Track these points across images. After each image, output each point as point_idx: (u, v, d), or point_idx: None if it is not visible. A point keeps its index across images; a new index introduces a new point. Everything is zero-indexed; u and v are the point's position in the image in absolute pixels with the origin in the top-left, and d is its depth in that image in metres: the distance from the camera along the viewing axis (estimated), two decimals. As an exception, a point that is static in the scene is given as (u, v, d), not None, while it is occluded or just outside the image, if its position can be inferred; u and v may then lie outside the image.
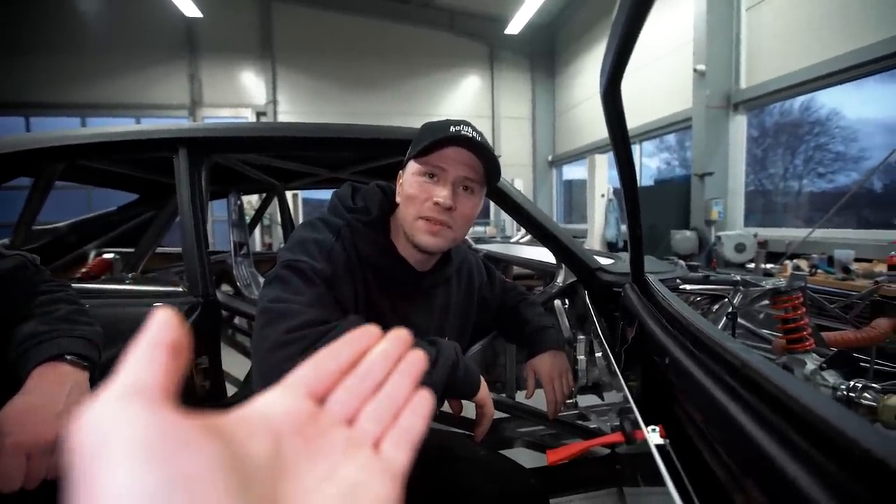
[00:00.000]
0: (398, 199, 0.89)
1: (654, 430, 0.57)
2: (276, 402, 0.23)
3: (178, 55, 8.81)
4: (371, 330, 0.27)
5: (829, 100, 4.49)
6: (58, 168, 1.47)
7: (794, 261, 3.98)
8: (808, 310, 1.22)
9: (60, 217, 2.15)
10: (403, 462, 0.24)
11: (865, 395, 0.84)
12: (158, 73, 8.73)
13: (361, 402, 0.25)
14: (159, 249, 2.15)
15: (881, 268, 3.33)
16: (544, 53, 10.14)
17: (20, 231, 1.63)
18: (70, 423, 0.16)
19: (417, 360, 0.27)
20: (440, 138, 0.80)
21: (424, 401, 0.26)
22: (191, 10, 7.39)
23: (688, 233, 5.27)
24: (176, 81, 8.84)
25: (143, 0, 7.93)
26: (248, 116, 9.10)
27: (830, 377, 1.00)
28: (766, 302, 1.40)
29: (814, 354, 1.11)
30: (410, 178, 0.86)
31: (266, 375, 0.70)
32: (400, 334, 0.27)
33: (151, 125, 1.28)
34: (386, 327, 0.28)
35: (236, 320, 2.40)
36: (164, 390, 0.18)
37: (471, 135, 0.82)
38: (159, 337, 0.19)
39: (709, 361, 0.54)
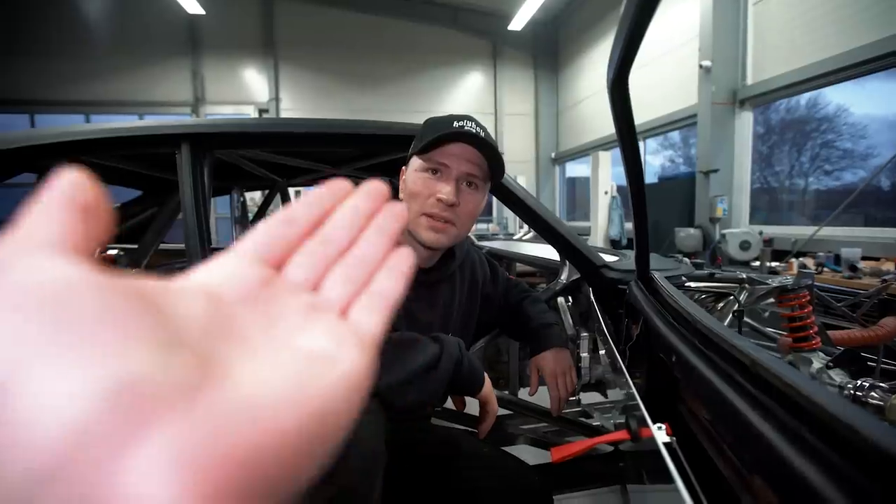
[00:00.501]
0: (401, 196, 0.89)
1: (660, 427, 0.56)
2: (221, 269, 0.18)
3: (181, 52, 8.83)
4: (339, 184, 0.22)
5: (836, 97, 4.45)
6: (62, 164, 1.47)
7: (800, 259, 3.96)
8: (815, 308, 1.21)
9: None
10: (377, 328, 0.20)
11: (873, 394, 0.83)
12: (161, 71, 8.76)
13: (327, 265, 0.21)
14: (163, 246, 2.15)
15: (889, 266, 3.30)
16: (548, 50, 10.09)
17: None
18: None
19: (396, 213, 0.22)
20: (443, 135, 0.80)
21: (402, 259, 0.22)
22: (193, 8, 7.39)
23: (692, 230, 5.25)
24: (179, 79, 8.86)
25: (147, -3, 7.96)
26: (251, 113, 9.12)
27: (837, 376, 0.99)
28: (772, 300, 1.39)
29: (820, 353, 1.10)
30: (413, 174, 0.85)
31: None
32: (374, 185, 0.22)
33: (153, 121, 1.28)
34: (389, 324, 0.26)
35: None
36: (75, 246, 0.14)
37: (474, 130, 0.81)
38: (66, 196, 0.15)
39: (717, 359, 0.53)
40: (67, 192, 0.15)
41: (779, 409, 0.39)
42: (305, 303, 0.19)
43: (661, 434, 0.54)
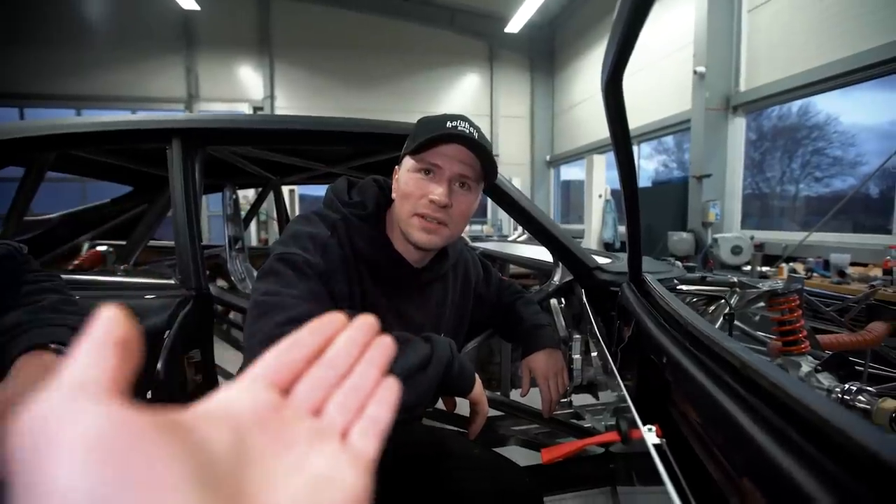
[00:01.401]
0: (394, 195, 0.88)
1: (650, 429, 0.56)
2: (239, 395, 0.22)
3: (176, 48, 8.75)
4: (336, 317, 0.26)
5: (826, 105, 4.51)
6: (49, 158, 1.45)
7: (790, 264, 4.00)
8: (804, 312, 1.22)
9: (55, 209, 2.13)
10: (372, 452, 0.23)
11: (860, 398, 0.84)
12: (155, 66, 8.67)
13: (327, 392, 0.24)
14: (152, 242, 2.13)
15: (877, 272, 3.35)
16: (544, 53, 10.13)
17: (11, 221, 1.61)
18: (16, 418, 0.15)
19: (384, 347, 0.27)
20: (436, 136, 0.79)
21: (391, 390, 0.26)
22: (188, 3, 7.34)
23: (685, 234, 5.28)
24: (173, 75, 8.78)
25: (141, -8, 7.88)
26: (245, 111, 9.04)
27: (825, 380, 1.00)
28: (763, 304, 1.40)
29: (809, 357, 1.11)
30: (406, 174, 0.84)
31: None
32: (366, 321, 0.27)
33: (144, 115, 1.26)
34: (381, 323, 0.27)
35: (231, 315, 2.38)
36: (115, 386, 0.16)
37: (468, 131, 0.81)
38: (106, 333, 0.17)
39: (708, 361, 0.53)
40: (107, 331, 0.17)
41: (768, 411, 0.39)
42: (311, 428, 0.23)
43: (650, 436, 0.54)
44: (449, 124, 0.81)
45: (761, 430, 0.39)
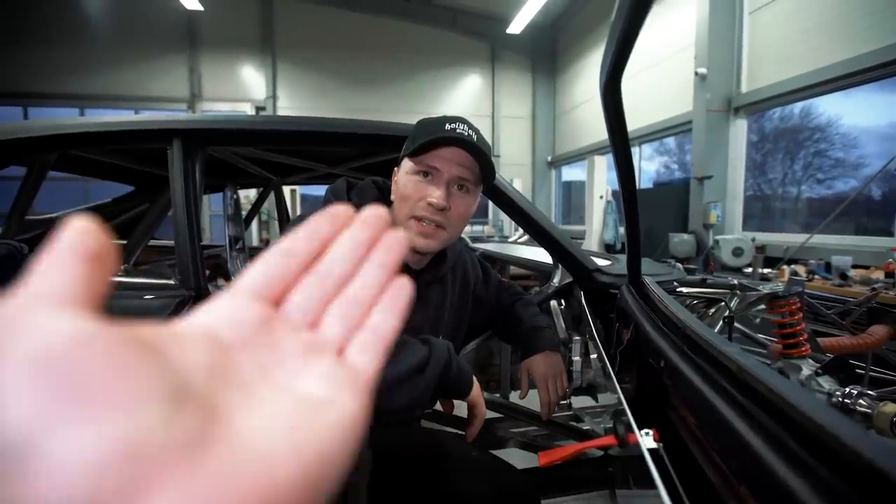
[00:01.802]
0: (393, 197, 0.88)
1: (647, 433, 0.56)
2: (222, 310, 0.19)
3: (179, 48, 8.78)
4: (339, 213, 0.22)
5: (827, 107, 4.51)
6: (51, 157, 1.46)
7: (792, 266, 3.99)
8: (805, 315, 1.22)
9: (57, 209, 2.13)
10: (371, 369, 0.20)
11: (861, 401, 0.84)
12: (158, 66, 8.70)
13: (325, 301, 0.21)
14: (153, 242, 2.13)
15: (878, 274, 3.34)
16: (546, 54, 10.13)
17: (13, 221, 1.61)
18: None
19: (395, 242, 0.23)
20: (434, 139, 0.79)
21: (400, 294, 0.22)
22: (192, 4, 7.36)
23: (686, 236, 5.28)
24: (176, 74, 8.81)
25: (145, -8, 7.92)
26: (248, 111, 9.07)
27: (826, 383, 0.99)
28: (763, 306, 1.40)
29: (810, 360, 1.11)
30: (405, 177, 0.84)
31: None
32: (374, 212, 0.23)
33: (146, 116, 1.27)
34: None
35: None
36: (83, 298, 0.15)
37: (466, 133, 0.81)
38: (74, 244, 0.15)
39: (704, 365, 0.53)
40: (75, 242, 0.15)
41: (763, 416, 0.39)
42: (304, 343, 0.20)
43: (647, 440, 0.54)
44: (447, 126, 0.81)
45: (757, 435, 0.39)
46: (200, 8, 7.57)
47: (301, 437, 0.16)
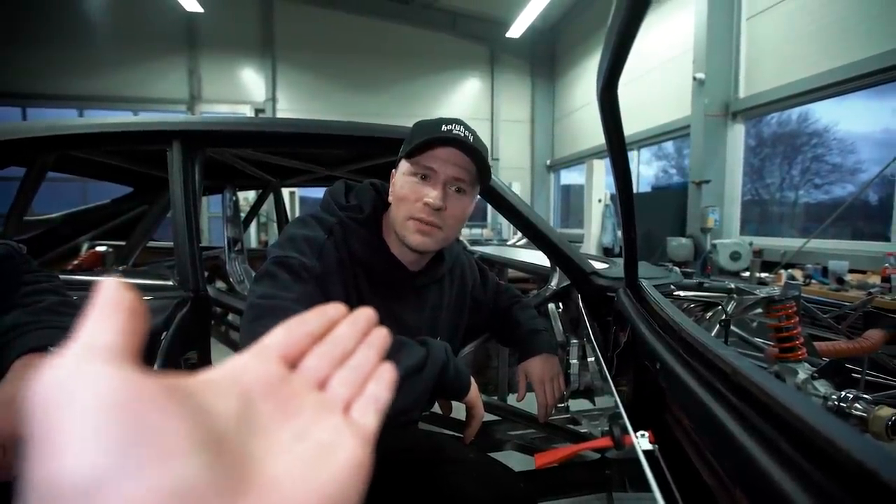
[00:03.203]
0: (390, 199, 0.88)
1: (643, 435, 0.56)
2: (248, 364, 0.22)
3: (178, 50, 8.78)
4: (338, 306, 0.28)
5: (823, 112, 4.54)
6: (50, 158, 1.46)
7: (789, 270, 4.00)
8: (802, 319, 1.22)
9: (56, 209, 2.13)
10: (372, 427, 0.24)
11: (856, 405, 0.84)
12: (158, 67, 8.70)
13: (332, 367, 0.26)
14: (151, 243, 2.13)
15: (875, 279, 3.35)
16: (545, 58, 10.16)
17: (11, 221, 1.61)
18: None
19: (382, 335, 0.28)
20: (430, 139, 0.80)
21: (388, 372, 0.27)
22: (192, 6, 7.37)
23: (684, 240, 5.29)
24: (175, 76, 8.81)
25: (145, -7, 7.93)
26: (247, 113, 9.07)
27: (822, 387, 1.00)
28: (760, 310, 1.40)
29: (806, 364, 1.11)
30: (402, 178, 0.85)
31: None
32: (365, 313, 0.28)
33: (146, 117, 1.27)
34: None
35: (229, 316, 2.38)
36: (125, 349, 0.17)
37: (462, 134, 0.81)
38: (113, 299, 0.18)
39: (700, 367, 0.53)
40: (115, 298, 0.18)
41: (757, 419, 0.40)
42: (316, 400, 0.24)
43: (643, 441, 0.54)
44: (444, 128, 0.82)
45: (751, 438, 0.39)
46: (200, 10, 7.58)
47: (318, 478, 0.19)
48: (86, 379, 0.15)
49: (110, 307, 0.18)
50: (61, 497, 0.14)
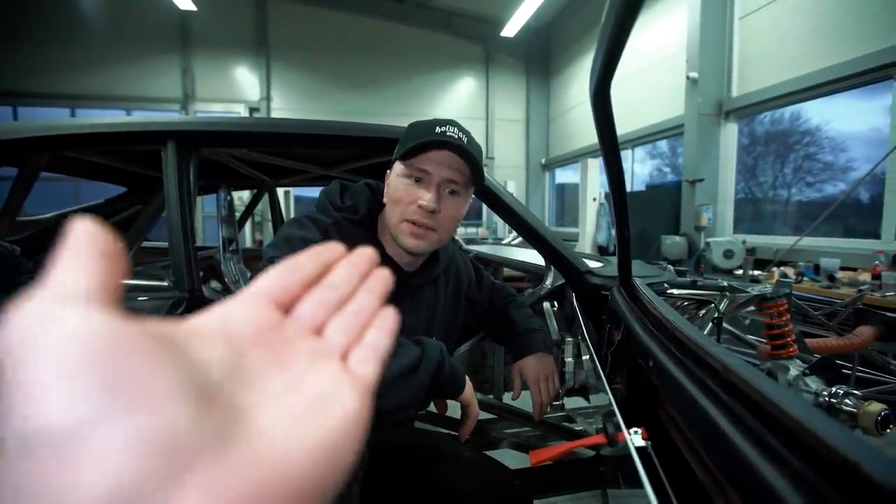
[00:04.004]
0: (385, 200, 0.89)
1: (636, 432, 0.57)
2: (237, 311, 0.21)
3: (172, 48, 8.72)
4: (336, 246, 0.26)
5: (816, 112, 4.58)
6: (43, 158, 1.45)
7: (782, 268, 4.04)
8: (793, 316, 1.24)
9: (49, 210, 2.12)
10: (371, 376, 0.23)
11: (847, 401, 0.86)
12: (151, 66, 8.63)
13: (328, 313, 0.24)
14: (146, 243, 2.12)
15: (865, 276, 3.39)
16: (539, 57, 10.18)
17: (4, 222, 1.60)
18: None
19: (383, 277, 0.26)
20: (424, 142, 0.80)
21: (390, 318, 0.26)
22: (185, 4, 7.32)
23: (678, 238, 5.32)
24: (168, 75, 8.74)
25: (137, -9, 7.86)
26: (242, 112, 9.02)
27: (813, 383, 1.01)
28: (752, 308, 1.42)
29: (797, 360, 1.13)
30: (396, 179, 0.85)
31: None
32: (365, 252, 0.26)
33: (140, 117, 1.26)
34: None
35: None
36: (102, 293, 0.16)
37: (456, 136, 0.82)
38: (88, 241, 0.16)
39: (691, 364, 0.54)
40: (89, 239, 0.17)
41: (747, 415, 0.40)
42: (311, 348, 0.22)
43: (636, 438, 0.55)
44: (438, 129, 0.82)
45: (740, 434, 0.40)
46: (194, 8, 7.53)
47: (312, 431, 0.18)
48: (60, 322, 0.14)
49: (84, 248, 0.16)
50: (38, 447, 0.13)
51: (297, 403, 0.19)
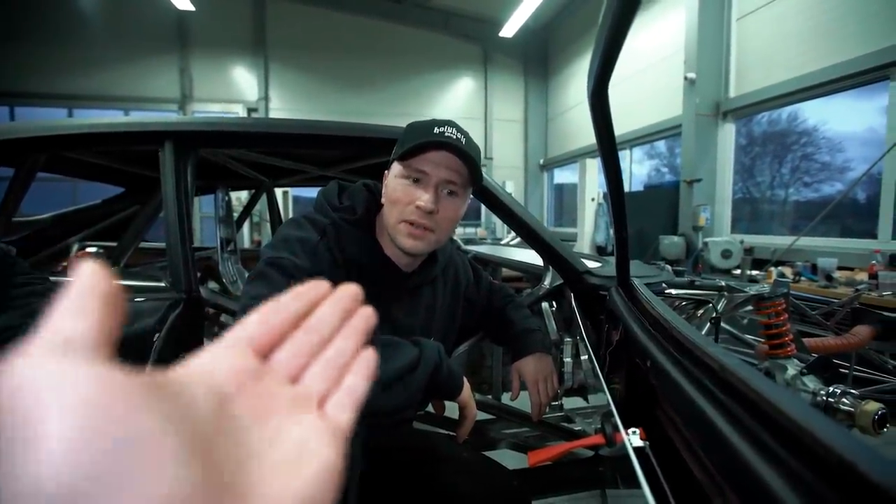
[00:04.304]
0: (383, 200, 0.89)
1: (634, 432, 0.57)
2: (221, 359, 0.21)
3: (169, 48, 8.70)
4: (321, 284, 0.26)
5: (813, 112, 4.60)
6: (40, 159, 1.44)
7: (779, 268, 4.05)
8: (791, 316, 1.24)
9: (45, 210, 2.11)
10: (347, 423, 0.23)
11: (844, 400, 0.86)
12: (149, 66, 8.61)
13: (307, 359, 0.24)
14: (143, 244, 2.12)
15: (862, 276, 3.40)
16: (538, 57, 10.19)
17: (0, 222, 1.60)
18: None
19: (366, 316, 0.27)
20: (423, 143, 0.80)
21: (368, 361, 0.26)
22: (183, 4, 7.30)
23: (676, 238, 5.33)
24: (166, 75, 8.72)
25: (135, -9, 7.84)
26: (240, 112, 9.00)
27: (810, 382, 1.02)
28: (750, 308, 1.42)
29: (795, 360, 1.13)
30: (394, 180, 0.85)
31: None
32: (349, 290, 0.27)
33: (137, 117, 1.26)
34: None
35: (222, 317, 2.37)
36: (101, 343, 0.16)
37: (455, 137, 0.82)
38: (89, 285, 0.17)
39: (689, 364, 0.54)
40: (91, 283, 0.17)
41: (744, 415, 0.40)
42: (290, 396, 0.23)
43: (634, 438, 0.55)
44: (436, 130, 0.82)
45: (738, 434, 0.40)
46: (192, 8, 7.51)
47: (294, 484, 0.19)
48: (66, 378, 0.14)
49: (86, 293, 0.17)
50: None
51: (279, 457, 0.20)
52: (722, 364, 0.46)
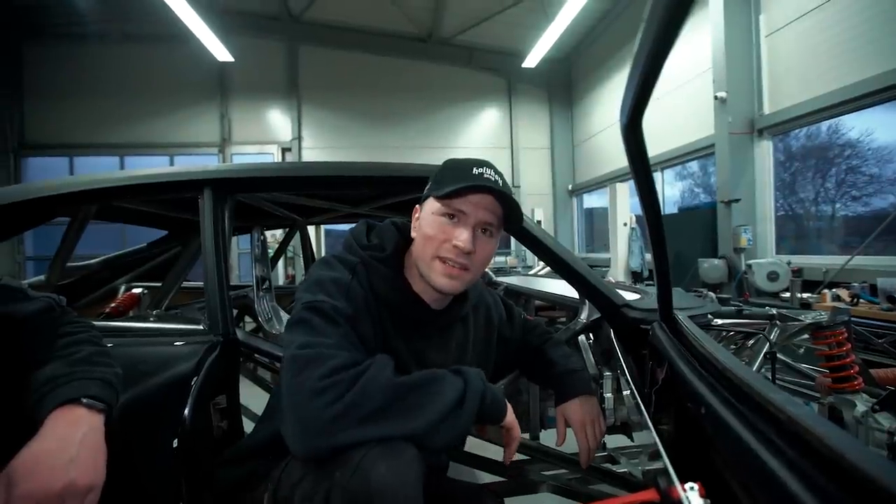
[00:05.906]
0: (414, 235, 0.89)
1: (692, 487, 0.52)
2: None
3: (211, 97, 9.32)
4: None
5: (857, 122, 4.40)
6: (92, 209, 1.54)
7: (833, 290, 3.80)
8: (854, 345, 1.14)
9: (97, 250, 2.23)
10: None
11: (927, 443, 0.77)
12: (192, 114, 9.25)
13: None
14: (187, 284, 2.20)
15: (929, 296, 3.13)
16: (561, 85, 10.29)
17: (55, 268, 1.69)
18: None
19: None
20: (466, 186, 0.81)
21: None
22: (223, 56, 7.84)
23: (716, 261, 5.11)
24: (208, 121, 9.33)
25: (180, 49, 8.48)
26: (274, 152, 9.47)
27: (885, 420, 0.93)
28: (806, 336, 1.32)
29: (864, 395, 1.04)
30: (430, 217, 0.85)
31: (306, 423, 0.68)
32: None
33: (178, 167, 1.33)
34: (401, 365, 0.26)
35: (257, 354, 2.41)
36: None
37: (493, 178, 0.83)
38: None
39: (749, 413, 0.50)
40: None
41: (821, 478, 0.36)
42: None
43: (693, 495, 0.50)
44: (475, 171, 0.83)
45: (813, 497, 0.35)
46: (231, 59, 8.05)
47: None
48: None
49: None
50: None
51: None
52: (790, 416, 0.42)
